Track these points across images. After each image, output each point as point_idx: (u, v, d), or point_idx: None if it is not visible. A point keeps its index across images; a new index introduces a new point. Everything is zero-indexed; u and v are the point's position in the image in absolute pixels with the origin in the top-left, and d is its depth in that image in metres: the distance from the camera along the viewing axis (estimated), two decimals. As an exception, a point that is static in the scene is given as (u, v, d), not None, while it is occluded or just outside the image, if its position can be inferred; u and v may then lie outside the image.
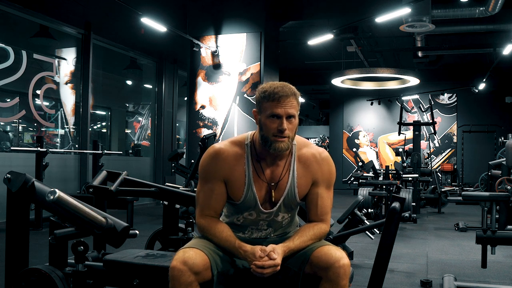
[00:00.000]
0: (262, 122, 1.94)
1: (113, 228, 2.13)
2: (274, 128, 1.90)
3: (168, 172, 10.26)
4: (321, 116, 23.97)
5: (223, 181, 1.99)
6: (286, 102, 1.89)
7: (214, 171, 1.99)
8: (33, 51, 7.88)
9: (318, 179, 2.02)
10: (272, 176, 2.00)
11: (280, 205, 2.02)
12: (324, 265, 1.85)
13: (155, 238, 3.72)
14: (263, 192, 2.00)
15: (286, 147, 1.93)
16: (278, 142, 1.91)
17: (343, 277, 1.83)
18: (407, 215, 4.17)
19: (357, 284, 3.62)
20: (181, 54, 10.59)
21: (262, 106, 1.94)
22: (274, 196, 2.00)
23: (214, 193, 1.99)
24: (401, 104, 11.09)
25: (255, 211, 2.02)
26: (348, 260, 1.86)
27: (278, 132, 1.90)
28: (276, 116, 1.90)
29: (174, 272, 1.80)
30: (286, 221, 2.09)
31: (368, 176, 9.41)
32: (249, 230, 2.07)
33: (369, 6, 8.98)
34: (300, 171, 2.01)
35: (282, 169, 2.01)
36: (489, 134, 14.98)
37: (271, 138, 1.92)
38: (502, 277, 4.17)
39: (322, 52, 13.05)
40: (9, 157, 7.14)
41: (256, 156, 2.00)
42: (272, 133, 1.91)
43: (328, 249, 1.88)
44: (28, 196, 2.22)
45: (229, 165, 1.98)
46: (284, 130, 1.89)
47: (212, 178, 1.99)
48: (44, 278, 2.17)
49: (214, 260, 1.90)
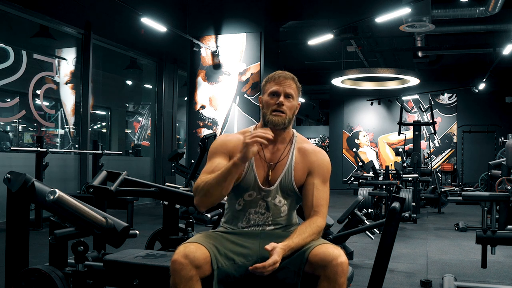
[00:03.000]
0: (264, 101, 2.10)
1: (113, 228, 2.13)
2: (273, 104, 2.06)
3: (168, 172, 10.26)
4: (321, 116, 23.98)
5: (228, 156, 2.09)
6: (285, 82, 2.08)
7: (221, 149, 2.12)
8: (33, 51, 7.89)
9: (314, 170, 2.11)
10: (271, 158, 2.12)
11: (277, 186, 2.09)
12: (321, 263, 1.86)
13: (155, 238, 3.72)
14: (262, 172, 2.10)
15: (282, 121, 2.06)
16: (275, 116, 2.05)
17: (341, 275, 1.84)
18: (407, 215, 4.17)
19: (357, 284, 3.62)
20: (181, 54, 10.59)
21: (264, 89, 2.13)
22: (271, 176, 2.09)
23: (218, 164, 2.06)
24: (401, 104, 11.10)
25: (255, 190, 2.09)
26: (346, 258, 1.87)
27: (276, 106, 2.05)
28: (275, 93, 2.07)
29: (175, 266, 1.83)
30: (284, 209, 2.12)
31: (368, 176, 9.41)
32: (248, 214, 2.10)
33: (369, 6, 8.99)
34: (298, 158, 2.12)
35: (282, 152, 2.12)
36: (489, 134, 14.99)
37: (269, 115, 2.06)
38: (502, 277, 4.17)
39: (322, 52, 13.05)
40: (9, 157, 7.14)
41: None
42: (271, 109, 2.06)
43: (326, 248, 1.89)
44: (28, 196, 2.22)
45: (233, 146, 2.10)
46: (282, 104, 2.04)
47: (218, 153, 2.11)
48: (44, 278, 2.17)
49: (215, 255, 1.92)
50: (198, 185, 2.02)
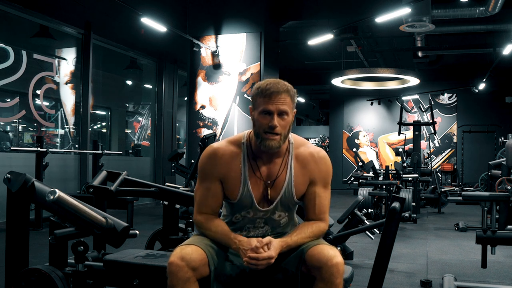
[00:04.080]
0: (255, 118, 1.94)
1: (113, 228, 2.13)
2: (265, 124, 1.90)
3: (168, 172, 10.26)
4: (321, 116, 23.98)
5: (219, 180, 2.00)
6: (277, 98, 1.89)
7: (211, 170, 2.01)
8: (33, 51, 7.88)
9: (316, 178, 2.02)
10: (268, 174, 2.00)
11: (277, 203, 2.01)
12: (317, 264, 1.84)
13: (155, 238, 3.72)
14: (259, 190, 2.00)
15: (277, 145, 1.93)
16: (269, 140, 1.91)
17: (336, 276, 1.82)
18: (407, 215, 4.17)
19: (357, 284, 3.62)
20: (181, 54, 10.59)
21: (255, 102, 1.94)
22: (270, 195, 1.99)
23: (210, 191, 2.01)
24: (401, 104, 11.09)
25: (252, 210, 2.02)
26: (341, 259, 1.85)
27: (269, 129, 1.90)
28: (267, 112, 1.90)
29: (172, 268, 1.82)
30: (284, 221, 2.08)
31: (368, 176, 9.41)
32: (246, 228, 2.06)
33: (369, 6, 8.98)
34: (298, 169, 2.01)
35: (279, 167, 2.00)
36: (489, 134, 14.98)
37: (262, 135, 1.92)
38: (502, 277, 4.17)
39: (322, 52, 13.05)
40: (9, 157, 7.14)
41: (252, 154, 2.00)
42: (263, 129, 1.91)
43: (321, 248, 1.87)
44: (28, 196, 2.22)
45: (225, 163, 1.99)
46: (274, 126, 1.89)
47: (209, 177, 2.01)
48: (44, 278, 2.17)
49: (212, 256, 1.92)
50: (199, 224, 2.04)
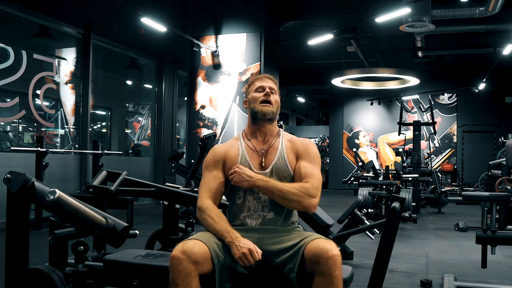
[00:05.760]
0: (250, 97, 2.28)
1: (113, 228, 2.13)
2: (261, 96, 2.25)
3: (168, 172, 10.26)
4: (321, 116, 23.99)
5: (221, 167, 2.23)
6: (267, 80, 2.31)
7: (213, 159, 2.25)
8: (33, 51, 7.88)
9: (301, 154, 2.24)
10: (263, 147, 2.26)
11: (272, 168, 2.19)
12: (314, 259, 1.87)
13: (155, 238, 3.72)
14: (256, 160, 2.22)
15: (271, 111, 2.24)
16: (265, 107, 2.23)
17: (334, 268, 1.84)
18: (407, 215, 4.18)
19: (357, 284, 3.62)
20: (181, 54, 10.59)
21: (249, 89, 2.32)
22: (265, 162, 2.21)
23: (213, 176, 2.21)
24: (401, 104, 11.09)
25: None
26: (338, 251, 1.88)
27: (264, 98, 2.24)
28: (261, 88, 2.28)
29: (173, 261, 1.87)
30: None
31: (368, 176, 9.41)
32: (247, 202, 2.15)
33: (369, 6, 8.99)
34: (287, 145, 2.27)
35: (272, 141, 2.27)
36: (489, 134, 14.98)
37: (258, 107, 2.24)
38: (502, 277, 4.17)
39: (322, 52, 13.05)
40: (9, 157, 7.14)
41: (247, 137, 2.30)
42: (259, 101, 2.24)
43: (317, 242, 1.91)
44: (28, 196, 2.22)
45: (225, 148, 2.27)
46: (269, 95, 2.25)
47: (212, 165, 2.24)
48: (44, 278, 2.17)
49: (215, 251, 1.94)
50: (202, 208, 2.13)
